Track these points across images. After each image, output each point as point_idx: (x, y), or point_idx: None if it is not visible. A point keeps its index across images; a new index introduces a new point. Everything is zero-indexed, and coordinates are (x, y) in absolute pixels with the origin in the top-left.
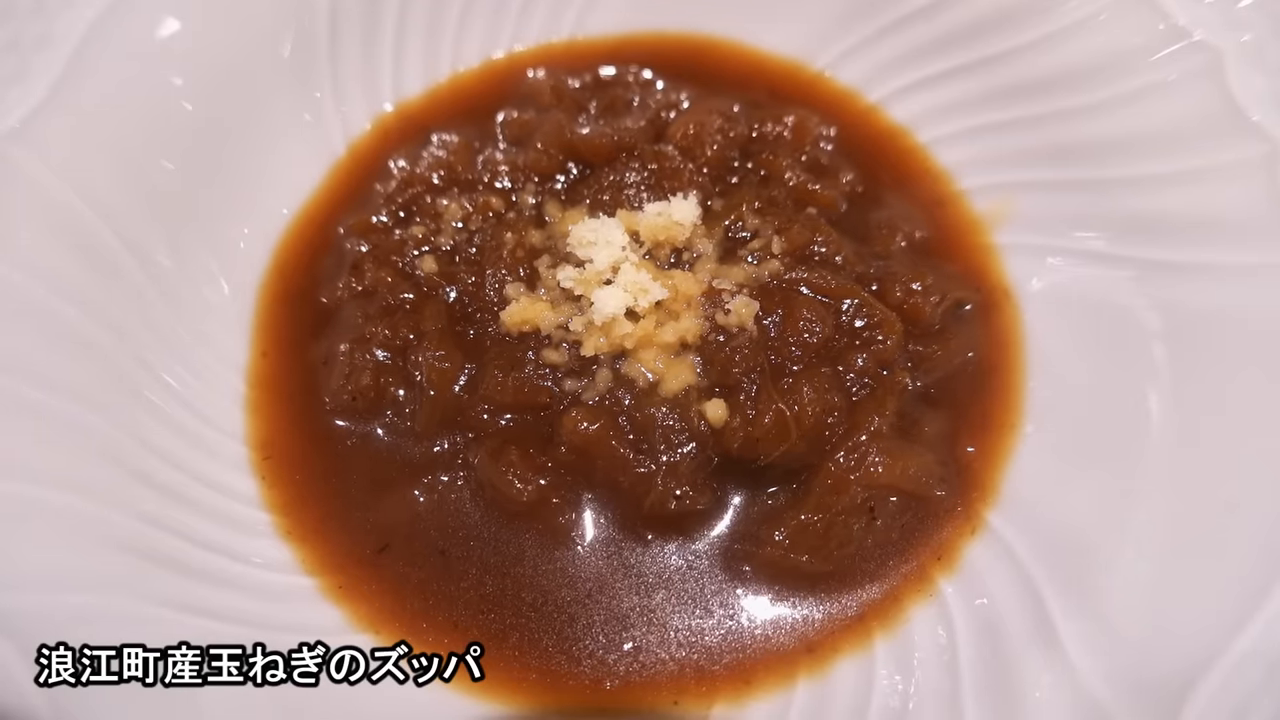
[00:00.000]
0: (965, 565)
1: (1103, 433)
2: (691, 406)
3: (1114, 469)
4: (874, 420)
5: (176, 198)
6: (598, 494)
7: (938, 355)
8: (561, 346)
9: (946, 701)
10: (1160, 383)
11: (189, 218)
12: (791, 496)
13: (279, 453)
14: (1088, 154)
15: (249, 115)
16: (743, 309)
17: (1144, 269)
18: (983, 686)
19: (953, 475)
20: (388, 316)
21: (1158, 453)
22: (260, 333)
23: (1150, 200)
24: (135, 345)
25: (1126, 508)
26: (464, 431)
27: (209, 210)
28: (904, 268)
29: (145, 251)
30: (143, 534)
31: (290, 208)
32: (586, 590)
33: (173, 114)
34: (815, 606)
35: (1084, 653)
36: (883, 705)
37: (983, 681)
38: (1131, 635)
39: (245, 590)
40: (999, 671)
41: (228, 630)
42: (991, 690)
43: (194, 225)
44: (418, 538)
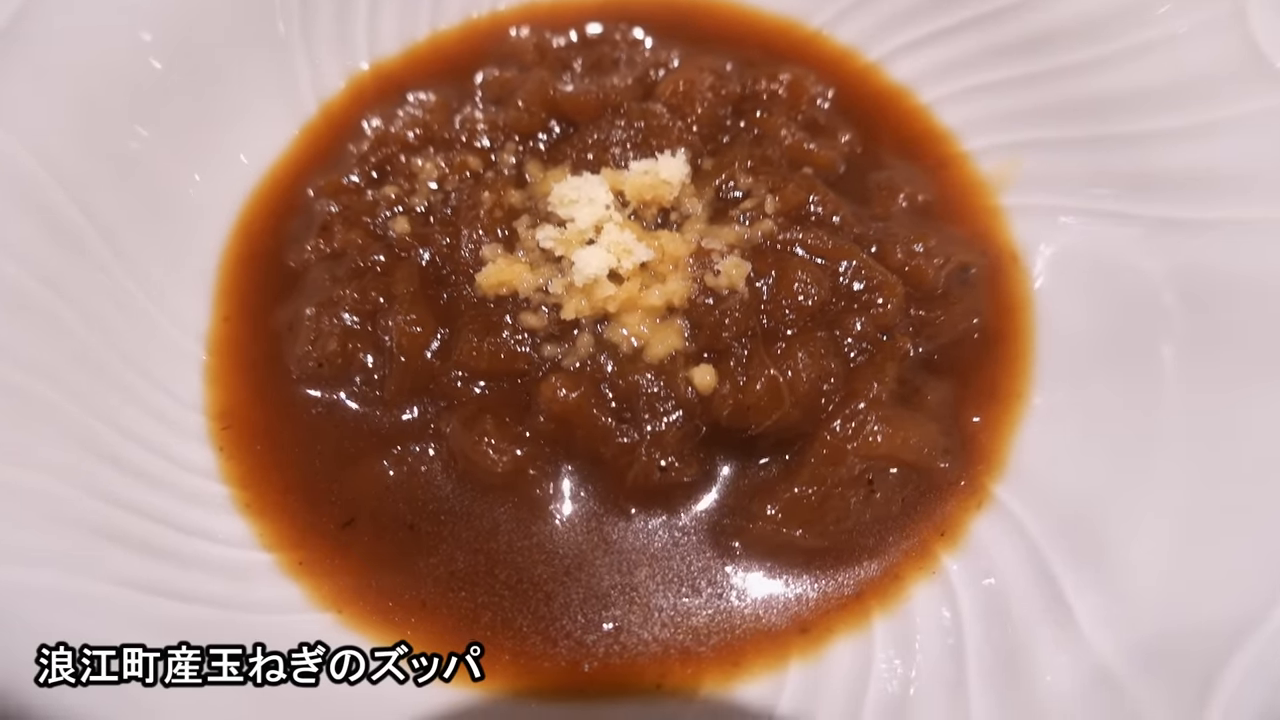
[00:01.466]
0: (970, 541)
1: (1116, 401)
2: (678, 373)
3: (1128, 438)
4: (873, 387)
5: (139, 159)
6: (578, 466)
7: (941, 321)
8: (540, 310)
9: (951, 686)
10: (1176, 346)
11: (152, 179)
12: (784, 468)
13: (239, 423)
14: (1097, 110)
15: (217, 74)
16: (733, 270)
17: (1157, 228)
18: (990, 670)
19: (957, 446)
20: (357, 279)
21: (1174, 419)
22: (222, 297)
23: (1164, 156)
24: (92, 313)
25: (1143, 479)
26: (436, 400)
27: (172, 172)
28: (905, 229)
29: (104, 215)
30: (93, 509)
31: (258, 169)
32: (565, 567)
33: (139, 71)
34: (809, 584)
35: (1101, 632)
36: (881, 690)
37: (990, 664)
38: (1153, 612)
39: (201, 567)
40: (1008, 654)
41: (181, 609)
42: (1000, 674)
43: (157, 187)
44: (385, 512)
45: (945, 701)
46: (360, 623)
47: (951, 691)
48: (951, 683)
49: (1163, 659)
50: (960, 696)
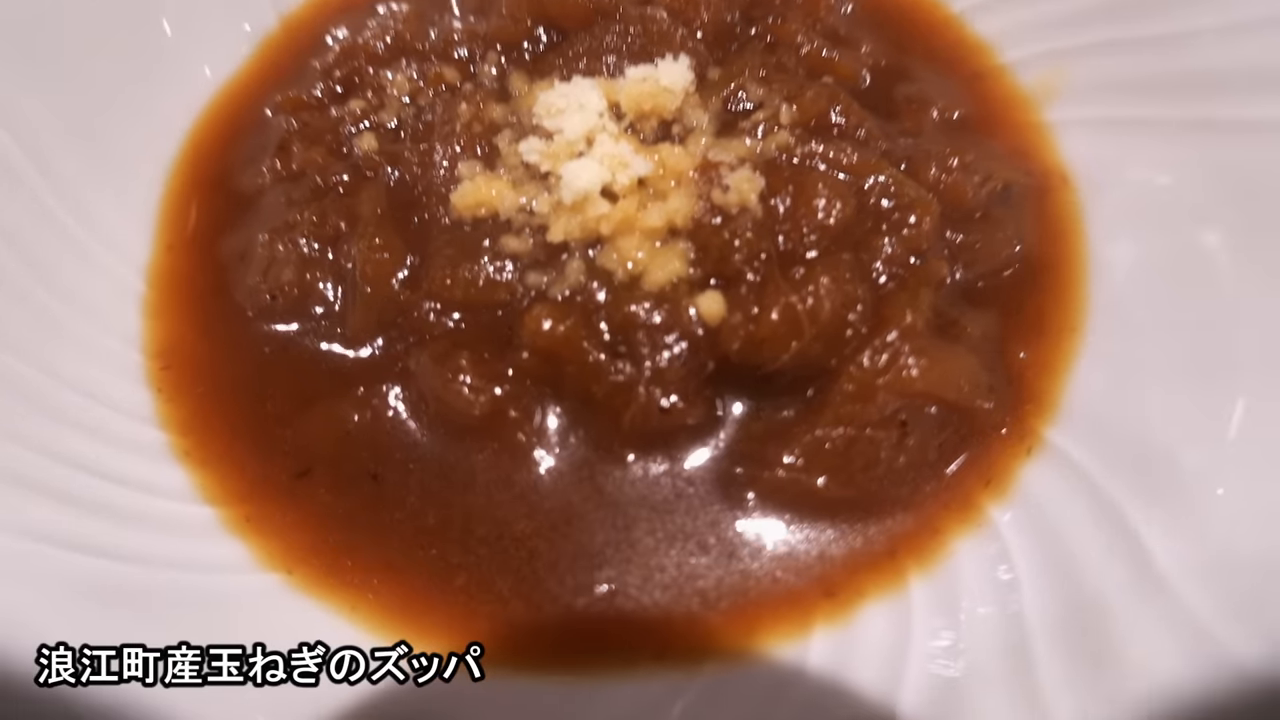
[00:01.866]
0: (1021, 490)
1: (1178, 330)
2: (682, 302)
3: (1197, 371)
4: (906, 315)
5: (75, 73)
6: (566, 407)
7: (980, 246)
8: (524, 233)
9: (1011, 654)
10: (1240, 264)
11: (89, 96)
12: (804, 408)
13: (181, 362)
14: (1143, 9)
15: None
16: (745, 185)
17: (1216, 134)
18: (1059, 632)
19: (1002, 384)
20: (316, 201)
21: (1248, 346)
22: (167, 225)
23: (1219, 54)
24: (15, 239)
25: (1216, 408)
26: (404, 335)
27: (112, 88)
28: (939, 144)
29: (32, 133)
30: (12, 455)
31: (210, 86)
32: (551, 522)
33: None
34: (834, 541)
35: (1187, 580)
36: (925, 660)
37: (1058, 627)
38: (1243, 554)
39: (134, 521)
40: (1081, 615)
41: (111, 568)
42: (1071, 636)
43: (94, 105)
44: (346, 460)
45: (1006, 672)
46: (313, 584)
47: (1013, 661)
48: (1012, 650)
49: (1258, 604)
50: (1024, 665)
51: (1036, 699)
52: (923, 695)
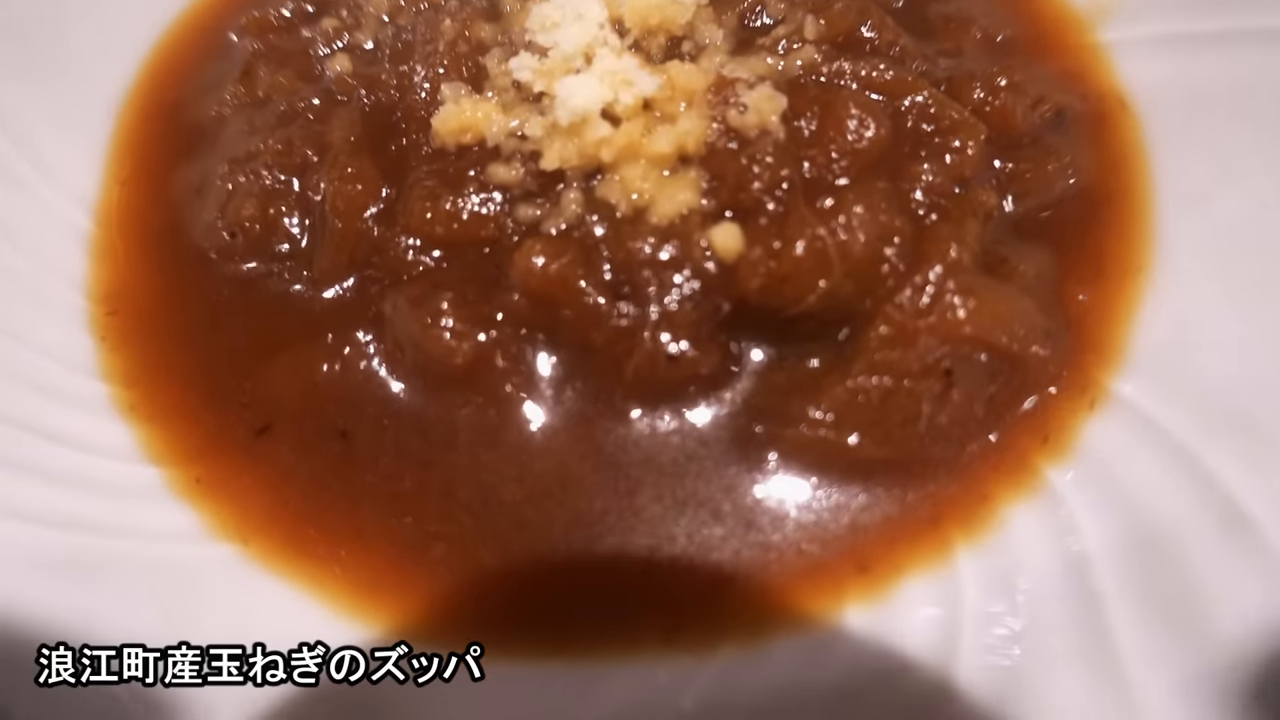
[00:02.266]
0: (1084, 449)
1: (1257, 265)
2: (693, 235)
3: (1274, 307)
4: (950, 249)
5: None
6: (561, 355)
7: (1031, 175)
8: (514, 160)
9: (1084, 631)
10: None
11: (32, 19)
12: (834, 356)
13: (129, 307)
14: None
15: None
16: (765, 104)
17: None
18: (1141, 601)
19: (1059, 330)
20: (283, 127)
21: None
22: (119, 158)
23: None
24: None
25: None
26: (379, 275)
27: (59, 10)
28: (984, 64)
29: None
30: None
31: (169, 7)
32: (544, 486)
33: None
34: (869, 508)
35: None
36: (978, 643)
37: (1142, 597)
38: None
39: (69, 483)
40: (1166, 580)
41: (42, 534)
42: (1160, 607)
43: (39, 29)
44: (311, 416)
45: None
46: (271, 556)
47: (1086, 637)
48: (1084, 625)
49: None
50: (1100, 643)
51: (1119, 676)
52: (977, 681)
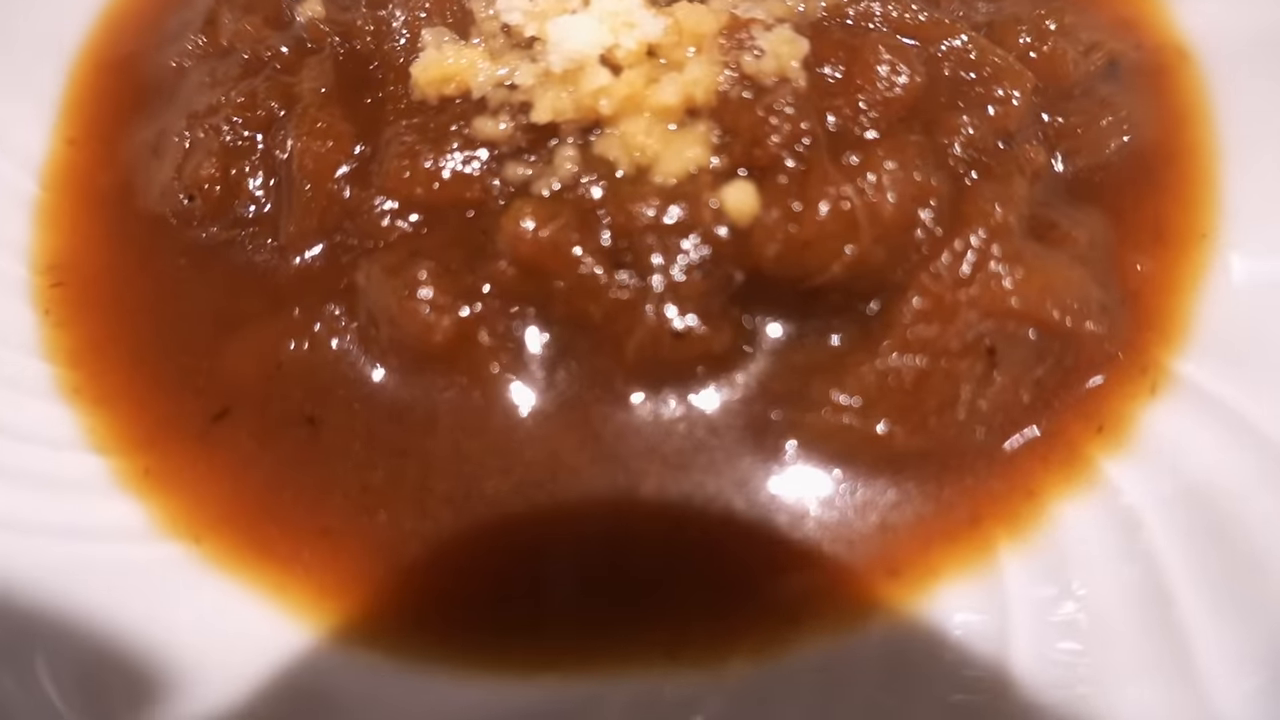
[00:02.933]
0: (1145, 438)
1: None
2: (703, 196)
3: None
4: (995, 210)
5: None
6: (555, 331)
7: (1084, 130)
8: (502, 113)
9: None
10: None
11: None
12: (861, 334)
13: (76, 278)
14: None
15: None
16: (784, 48)
17: None
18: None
19: (1115, 304)
20: (247, 79)
21: None
22: (68, 114)
23: None
24: None
25: None
26: (351, 241)
27: None
28: (1028, 6)
29: None
30: None
31: None
32: (533, 478)
33: None
34: (900, 505)
35: None
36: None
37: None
38: None
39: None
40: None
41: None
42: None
43: None
44: (275, 399)
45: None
46: (227, 556)
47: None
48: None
49: None
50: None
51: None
52: (1031, 701)
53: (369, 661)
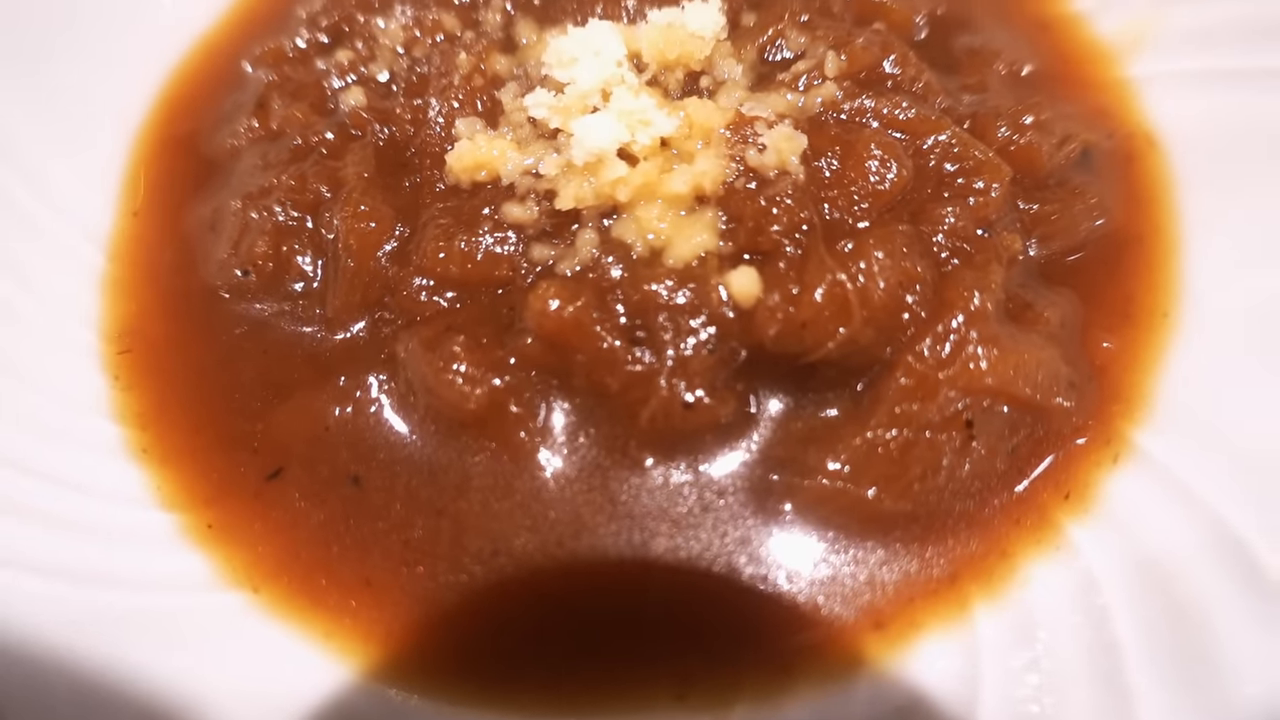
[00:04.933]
0: (1106, 505)
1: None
2: (710, 279)
3: None
4: (974, 297)
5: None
6: (575, 401)
7: (1057, 217)
8: (529, 200)
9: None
10: None
11: (44, 46)
12: (852, 406)
13: (142, 345)
14: None
15: None
16: (784, 144)
17: None
18: (1165, 665)
19: (1083, 379)
20: (296, 163)
21: None
22: (131, 188)
23: None
24: None
25: None
26: (392, 316)
27: (74, 38)
28: (1009, 101)
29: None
30: None
31: (184, 36)
32: (556, 536)
33: None
34: (886, 563)
35: None
36: (997, 705)
37: (1163, 659)
38: None
39: (77, 528)
40: (1187, 643)
41: (47, 586)
42: (1181, 669)
43: (50, 55)
44: (323, 460)
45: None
46: (282, 606)
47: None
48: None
49: None
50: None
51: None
52: None
53: (405, 701)
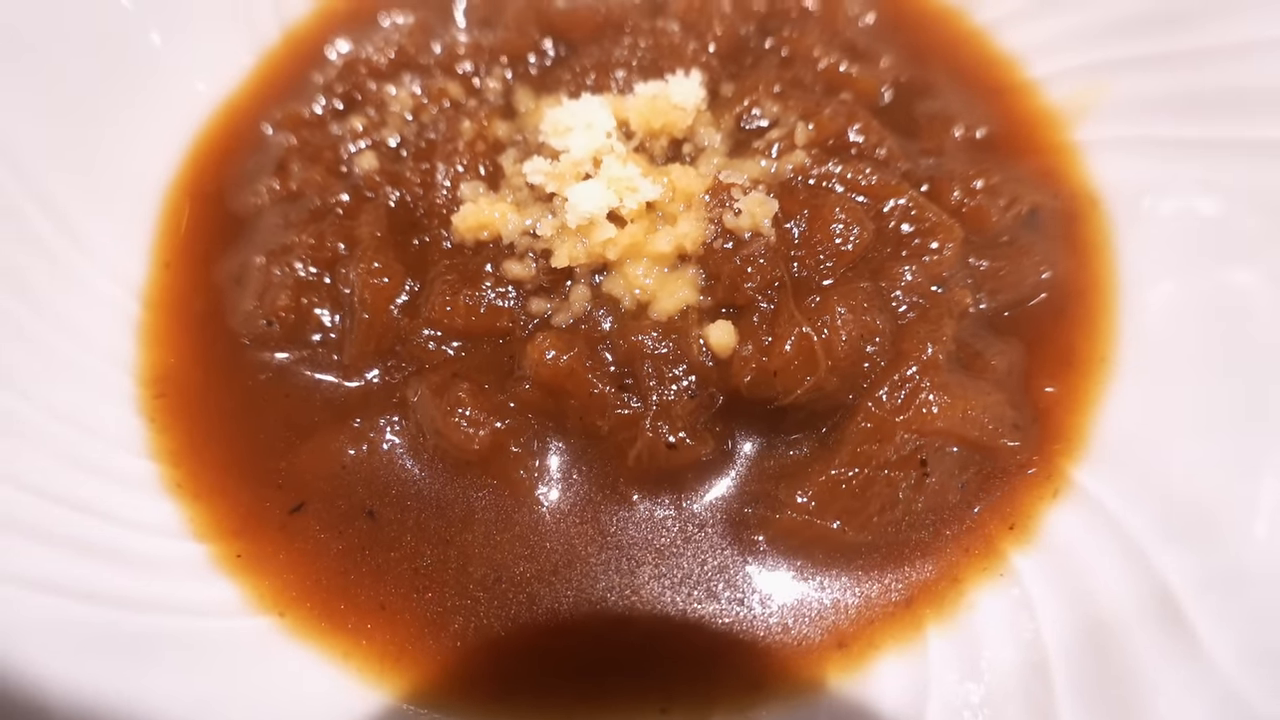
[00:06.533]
0: (1046, 536)
1: (1216, 363)
2: (691, 331)
3: (1234, 405)
4: (927, 348)
5: (67, 86)
6: (569, 442)
7: (1006, 272)
8: (527, 257)
9: (1035, 712)
10: None
11: (82, 110)
12: (819, 446)
13: (174, 389)
14: (1189, 18)
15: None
16: (757, 209)
17: (1261, 157)
18: (1085, 692)
19: (1028, 421)
20: (315, 223)
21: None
22: (164, 241)
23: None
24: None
25: (1255, 451)
26: (403, 364)
27: (108, 103)
28: (963, 165)
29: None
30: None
31: (209, 100)
32: (552, 564)
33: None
34: (848, 588)
35: (1223, 640)
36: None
37: (1088, 686)
38: None
39: (118, 560)
40: (1107, 671)
41: (93, 613)
42: (1099, 695)
43: (88, 119)
44: (341, 496)
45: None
46: (305, 628)
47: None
48: (1036, 707)
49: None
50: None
51: None
52: None
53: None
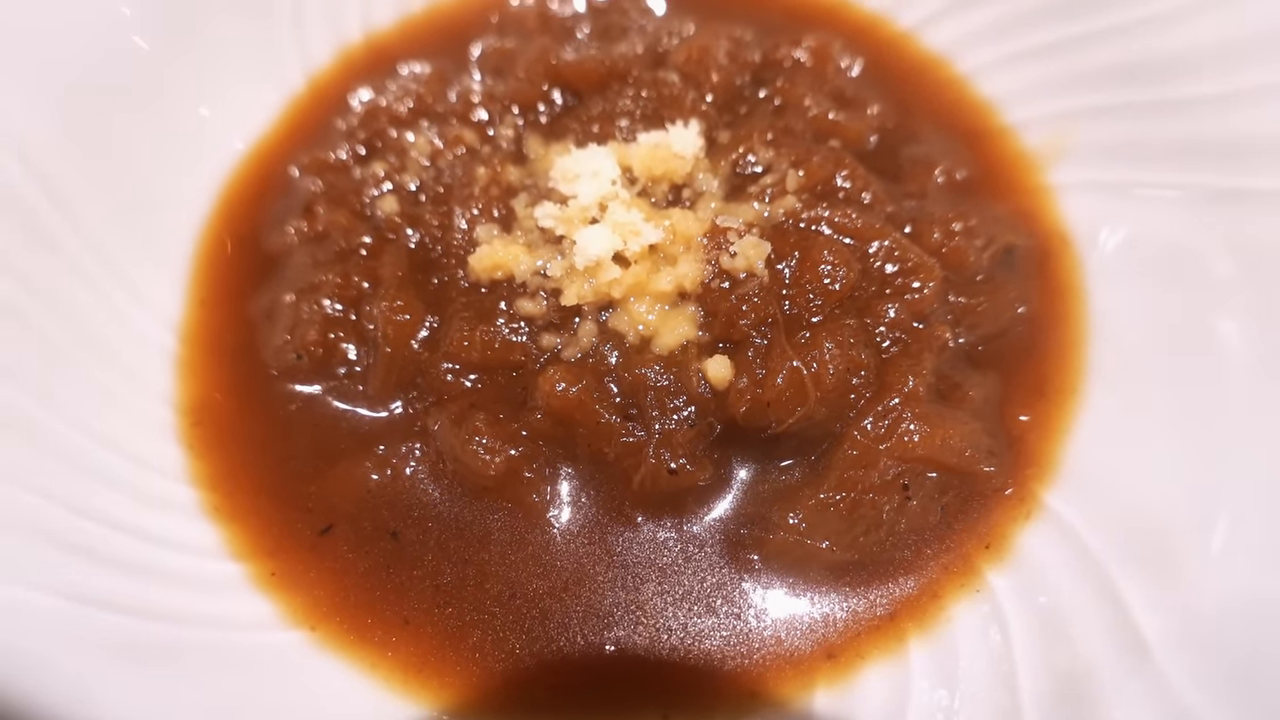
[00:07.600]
0: (1019, 555)
1: (1180, 394)
2: (690, 365)
3: (1195, 437)
4: (908, 381)
5: (109, 134)
6: (578, 467)
7: (983, 308)
8: (538, 296)
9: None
10: (1244, 335)
11: (121, 155)
12: (809, 471)
13: (211, 418)
14: (1152, 73)
15: (196, 45)
16: (751, 251)
17: (1224, 202)
18: (1049, 701)
19: (1003, 448)
20: (340, 263)
21: (1245, 416)
22: (199, 279)
23: (1228, 121)
24: (56, 300)
25: (1213, 482)
26: (423, 395)
27: (146, 149)
28: (943, 208)
29: (66, 192)
30: (37, 509)
31: (240, 147)
32: (563, 581)
33: (117, 45)
34: (837, 603)
35: (1175, 657)
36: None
37: (1048, 695)
38: (1234, 632)
39: (161, 578)
40: (1069, 682)
41: (135, 626)
42: (1060, 705)
43: (128, 165)
44: (366, 518)
45: None
46: (335, 642)
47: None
48: (1003, 713)
49: (1247, 686)
50: None
51: None
52: None
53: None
